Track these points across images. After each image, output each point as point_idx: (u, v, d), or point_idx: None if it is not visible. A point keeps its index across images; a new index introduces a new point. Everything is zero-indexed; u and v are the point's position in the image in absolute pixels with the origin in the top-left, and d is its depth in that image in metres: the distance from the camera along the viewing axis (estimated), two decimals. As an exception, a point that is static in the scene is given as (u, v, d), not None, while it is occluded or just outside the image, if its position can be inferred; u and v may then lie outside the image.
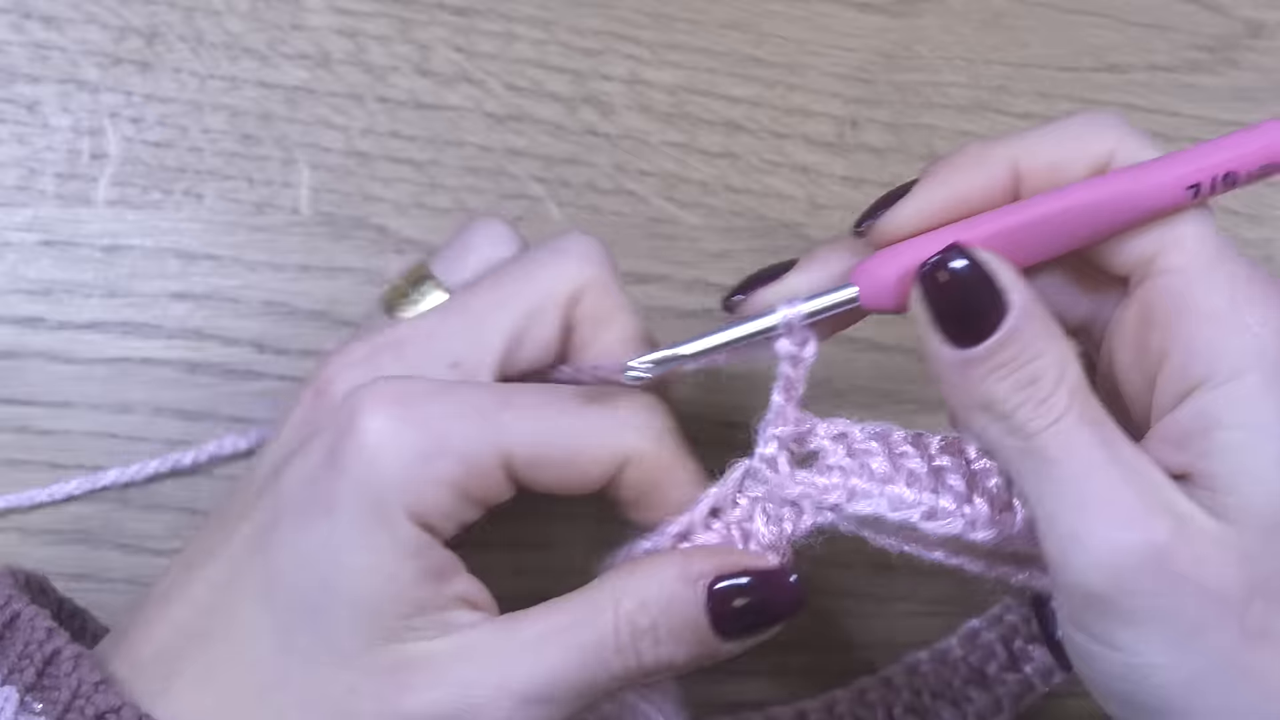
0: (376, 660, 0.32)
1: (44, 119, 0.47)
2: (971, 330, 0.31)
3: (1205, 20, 0.54)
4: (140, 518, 0.46)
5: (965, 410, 0.32)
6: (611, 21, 0.50)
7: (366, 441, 0.32)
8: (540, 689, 0.32)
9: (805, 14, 0.52)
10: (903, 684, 0.47)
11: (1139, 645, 0.30)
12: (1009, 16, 0.53)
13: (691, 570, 0.34)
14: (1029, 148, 0.33)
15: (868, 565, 0.49)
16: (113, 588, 0.45)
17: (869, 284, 0.34)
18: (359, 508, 0.32)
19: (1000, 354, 0.31)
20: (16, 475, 0.45)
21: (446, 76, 0.49)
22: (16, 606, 0.34)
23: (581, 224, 0.49)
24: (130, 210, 0.47)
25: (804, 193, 0.51)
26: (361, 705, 0.32)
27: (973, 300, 0.31)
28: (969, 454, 0.35)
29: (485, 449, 0.33)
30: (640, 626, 0.33)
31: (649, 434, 0.35)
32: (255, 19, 0.48)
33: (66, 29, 0.47)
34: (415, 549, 0.32)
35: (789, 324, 0.34)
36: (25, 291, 0.46)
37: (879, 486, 0.35)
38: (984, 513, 0.34)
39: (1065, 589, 0.31)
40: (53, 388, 0.46)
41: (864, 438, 0.35)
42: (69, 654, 0.33)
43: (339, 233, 0.48)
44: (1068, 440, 0.31)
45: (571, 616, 0.34)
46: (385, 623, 0.32)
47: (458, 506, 0.33)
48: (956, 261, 0.31)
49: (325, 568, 0.32)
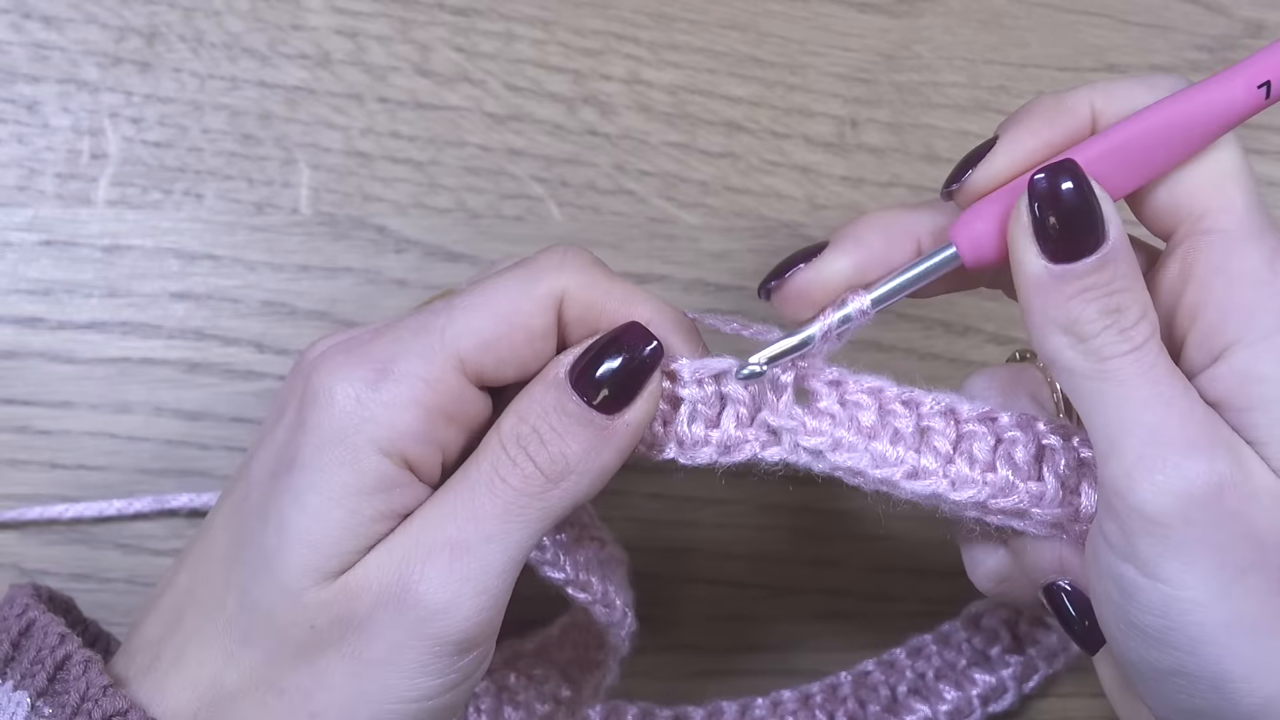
0: (331, 590, 0.32)
1: (44, 119, 0.47)
2: (1069, 247, 0.31)
3: (1205, 20, 0.54)
4: (140, 517, 0.46)
5: (1046, 329, 0.32)
6: (611, 21, 0.50)
7: (320, 390, 0.33)
8: (460, 532, 0.32)
9: (805, 14, 0.52)
10: (906, 665, 0.47)
11: (1186, 577, 0.30)
12: (1009, 16, 0.53)
13: (549, 370, 0.34)
14: (1105, 93, 0.34)
15: (868, 565, 0.49)
16: (113, 588, 0.45)
17: (969, 239, 0.34)
18: (321, 452, 0.33)
19: (1094, 275, 0.31)
20: (16, 475, 0.45)
21: (446, 76, 0.49)
22: (32, 614, 0.34)
23: (581, 224, 0.49)
24: (130, 210, 0.47)
25: (804, 193, 0.51)
26: (323, 635, 0.32)
27: (1078, 218, 0.31)
28: (961, 415, 0.35)
29: (434, 359, 0.33)
30: (523, 434, 0.33)
31: (574, 267, 0.35)
32: (255, 19, 0.48)
33: (66, 29, 0.47)
34: (380, 484, 0.33)
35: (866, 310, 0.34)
36: (25, 291, 0.46)
37: (864, 440, 0.35)
38: (965, 474, 0.35)
39: (1123, 514, 0.31)
40: (53, 388, 0.46)
41: (857, 389, 0.36)
42: (79, 659, 0.33)
43: (339, 233, 0.48)
44: (1146, 368, 0.31)
45: (466, 465, 0.34)
46: (340, 558, 0.32)
47: (431, 427, 0.33)
48: (1066, 180, 0.31)
49: (285, 513, 0.33)
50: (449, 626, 0.32)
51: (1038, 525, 0.35)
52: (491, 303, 0.34)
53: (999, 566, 0.38)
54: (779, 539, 0.49)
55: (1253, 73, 0.32)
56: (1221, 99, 0.32)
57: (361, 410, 0.33)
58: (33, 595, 0.35)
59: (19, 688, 0.33)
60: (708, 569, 0.49)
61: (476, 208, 0.49)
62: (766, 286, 0.36)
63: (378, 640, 0.32)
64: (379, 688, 0.32)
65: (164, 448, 0.46)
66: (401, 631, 0.32)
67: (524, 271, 0.35)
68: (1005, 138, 0.34)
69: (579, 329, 0.35)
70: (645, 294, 0.36)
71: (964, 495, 0.35)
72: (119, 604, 0.40)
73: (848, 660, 0.48)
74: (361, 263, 0.48)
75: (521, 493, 0.33)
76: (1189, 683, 0.31)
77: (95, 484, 0.46)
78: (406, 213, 0.48)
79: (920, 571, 0.49)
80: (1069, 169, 0.32)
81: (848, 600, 0.49)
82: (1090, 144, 0.33)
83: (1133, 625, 0.32)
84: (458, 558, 0.32)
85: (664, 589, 0.48)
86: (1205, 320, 0.33)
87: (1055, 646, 0.47)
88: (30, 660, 0.33)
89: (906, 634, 0.48)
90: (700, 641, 0.48)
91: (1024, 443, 0.35)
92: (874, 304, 0.34)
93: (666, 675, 0.48)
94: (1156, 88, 0.33)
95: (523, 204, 0.49)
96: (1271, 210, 0.53)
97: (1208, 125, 0.33)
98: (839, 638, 0.49)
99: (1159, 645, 0.31)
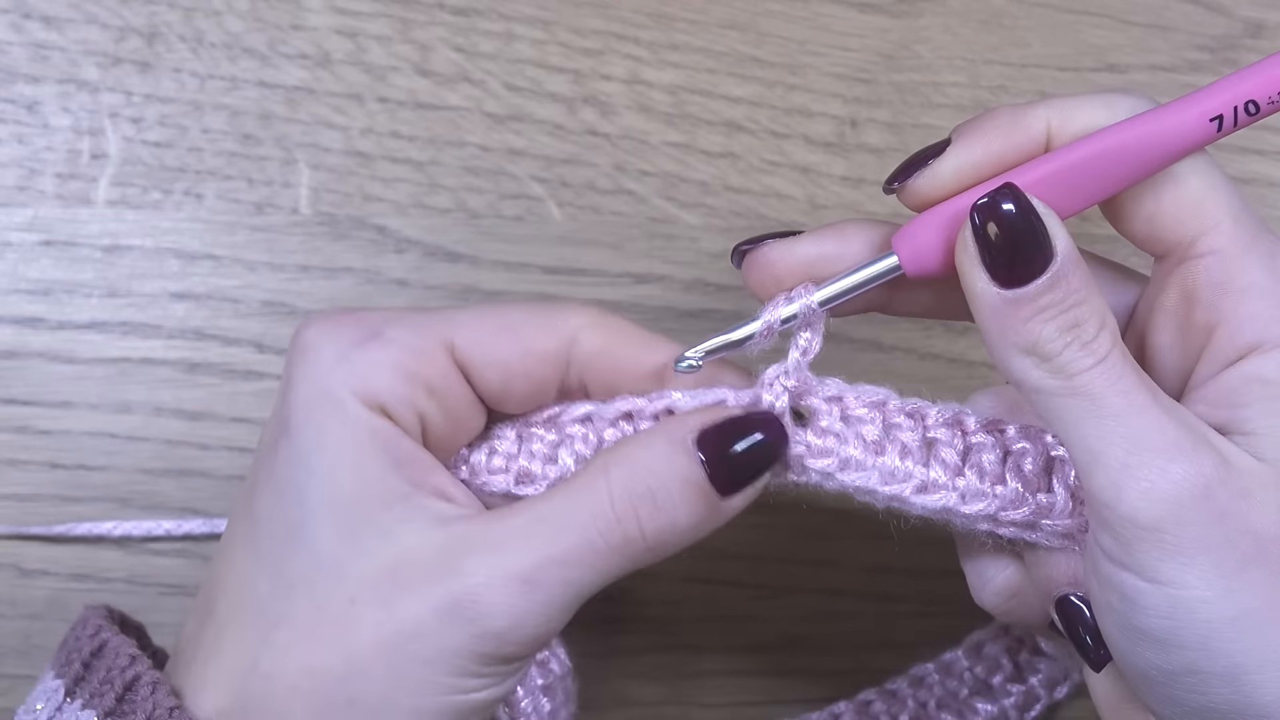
0: (371, 562, 0.32)
1: (44, 119, 0.47)
2: (1018, 271, 0.31)
3: (1205, 20, 0.54)
4: (140, 518, 0.46)
5: (1007, 353, 0.32)
6: (611, 21, 0.50)
7: (306, 346, 0.34)
8: (540, 569, 0.32)
9: (805, 14, 0.52)
10: (908, 694, 0.47)
11: (1187, 577, 0.30)
12: (1009, 16, 0.53)
13: (676, 431, 0.34)
14: (1062, 112, 0.34)
15: (867, 565, 0.49)
16: (113, 588, 0.45)
17: (910, 249, 0.34)
18: (310, 409, 0.33)
19: (1047, 295, 0.31)
20: (16, 475, 0.45)
21: (446, 76, 0.49)
22: (105, 636, 0.34)
23: (581, 224, 0.49)
24: (130, 210, 0.47)
25: (804, 193, 0.51)
26: (363, 615, 0.32)
27: (1022, 241, 0.31)
28: (967, 426, 0.35)
29: (424, 333, 0.34)
30: (637, 492, 0.33)
31: (593, 310, 0.36)
32: (255, 19, 0.48)
33: (66, 29, 0.47)
34: (374, 432, 0.33)
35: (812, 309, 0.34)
36: (25, 291, 0.46)
37: (871, 458, 0.35)
38: (976, 486, 0.34)
39: (1114, 524, 0.31)
40: (53, 388, 0.46)
41: (859, 404, 0.35)
42: (148, 680, 0.33)
43: (339, 233, 0.48)
44: (1114, 379, 0.31)
45: (564, 497, 0.33)
46: (367, 515, 0.32)
47: (410, 390, 0.34)
48: (1008, 203, 0.31)
49: (297, 482, 0.33)
50: (506, 645, 0.32)
51: (1049, 536, 0.35)
52: (500, 312, 0.35)
53: (1008, 582, 0.37)
54: (778, 538, 0.49)
55: (1207, 105, 0.32)
56: (1174, 129, 0.32)
57: (343, 364, 0.33)
58: (105, 617, 0.36)
59: (87, 706, 0.33)
60: (708, 569, 0.49)
61: (476, 208, 0.49)
62: (739, 249, 0.36)
63: (427, 641, 0.32)
64: (419, 684, 0.32)
65: (164, 448, 0.46)
66: (453, 641, 0.32)
67: (543, 303, 0.36)
68: (957, 144, 0.34)
69: (596, 364, 0.36)
70: (663, 339, 0.36)
71: (975, 508, 0.34)
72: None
73: (847, 660, 0.48)
74: (361, 263, 0.48)
75: (615, 551, 0.33)
76: (1202, 681, 0.31)
77: (95, 484, 0.46)
78: (406, 213, 0.48)
79: (920, 571, 0.49)
80: (1009, 193, 0.31)
81: (847, 600, 0.49)
82: (1039, 163, 0.33)
83: (1139, 631, 0.32)
84: (529, 592, 0.32)
85: (664, 589, 0.48)
86: (1219, 335, 0.33)
87: (1056, 676, 0.47)
88: (100, 680, 0.33)
89: (906, 634, 0.48)
90: (700, 641, 0.48)
91: (1033, 454, 0.35)
92: (821, 304, 0.34)
93: (666, 675, 0.48)
94: (1113, 106, 0.33)
95: (523, 204, 0.49)
96: (1272, 210, 0.53)
97: (1159, 154, 0.32)
98: (838, 638, 0.49)
99: (1168, 647, 0.31)
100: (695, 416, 0.34)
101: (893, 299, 0.37)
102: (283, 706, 0.32)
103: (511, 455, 0.36)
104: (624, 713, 0.48)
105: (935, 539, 0.44)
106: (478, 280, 0.48)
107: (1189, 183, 0.33)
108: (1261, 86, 0.32)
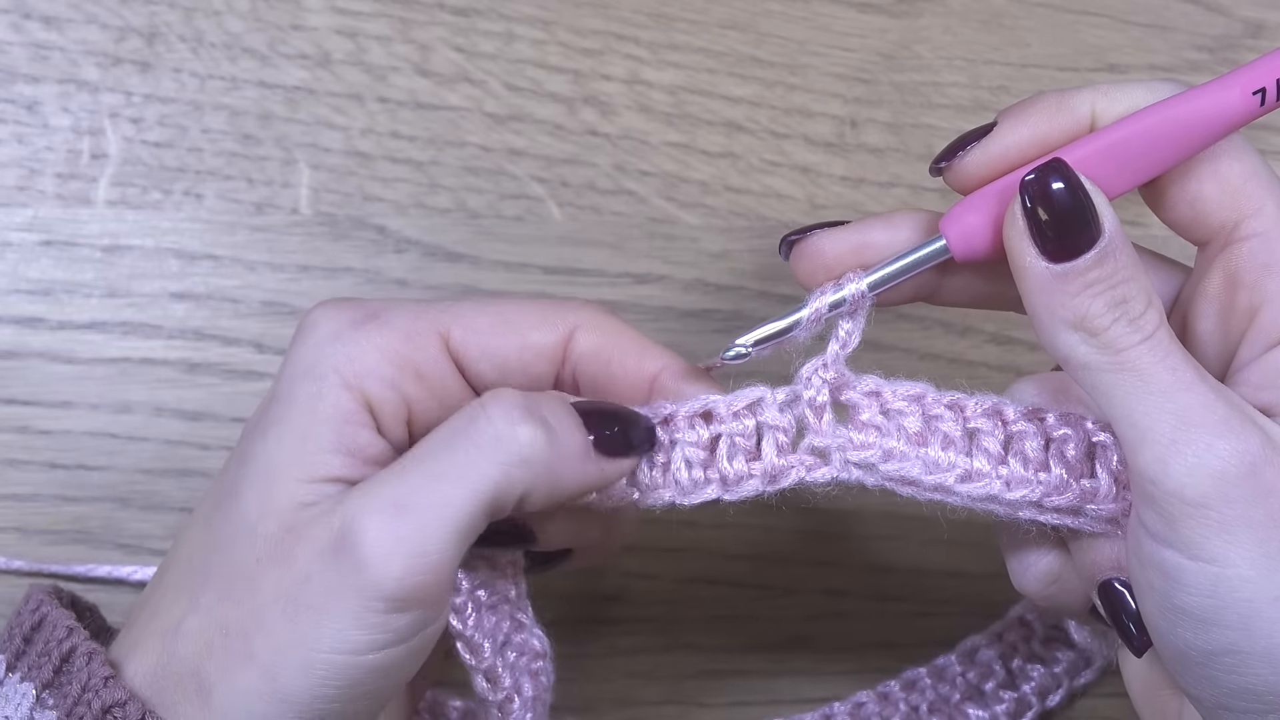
0: (275, 524, 0.32)
1: (44, 119, 0.47)
2: (1067, 246, 0.31)
3: (1205, 20, 0.54)
4: (140, 518, 0.46)
5: (1055, 328, 0.32)
6: (611, 21, 0.50)
7: (307, 324, 0.35)
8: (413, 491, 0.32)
9: (805, 14, 0.52)
10: (900, 698, 0.47)
11: (1231, 555, 0.31)
12: (1009, 16, 0.53)
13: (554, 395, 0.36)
14: (1107, 95, 0.34)
15: (867, 565, 0.49)
16: (113, 588, 0.45)
17: (958, 232, 0.34)
18: (294, 384, 0.34)
19: (1096, 269, 0.31)
20: (16, 475, 0.45)
21: (446, 76, 0.49)
22: (45, 610, 0.34)
23: (581, 224, 0.49)
24: (130, 210, 0.47)
25: (804, 193, 0.51)
26: (266, 573, 0.32)
27: (1071, 216, 0.31)
28: (1008, 416, 0.35)
29: (422, 320, 0.35)
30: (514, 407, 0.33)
31: (592, 310, 0.36)
32: (255, 19, 0.48)
33: (66, 29, 0.47)
34: (336, 415, 0.33)
35: (861, 293, 0.34)
36: (25, 291, 0.46)
37: (914, 448, 0.35)
38: (1020, 473, 0.34)
39: (1161, 500, 0.31)
40: (53, 388, 0.46)
41: (897, 397, 0.35)
42: (83, 650, 0.33)
43: (339, 233, 0.48)
44: (1161, 356, 0.31)
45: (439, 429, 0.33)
46: (288, 485, 0.33)
47: (399, 374, 0.34)
48: (1057, 179, 0.32)
49: (252, 449, 0.34)
50: (380, 581, 0.31)
51: (1093, 522, 0.35)
52: (500, 306, 0.36)
53: (1050, 568, 0.37)
54: (779, 539, 0.49)
55: (1248, 80, 0.32)
56: (1217, 105, 0.32)
57: (335, 343, 0.34)
58: (49, 593, 0.36)
59: (26, 679, 0.33)
60: (708, 569, 0.49)
61: (476, 208, 0.49)
62: (788, 240, 0.36)
63: (312, 584, 0.32)
64: (311, 634, 0.32)
65: (164, 448, 0.46)
66: (335, 579, 0.31)
67: (542, 300, 0.37)
68: (1003, 125, 0.34)
69: (589, 364, 0.36)
70: (658, 346, 0.37)
71: (1019, 494, 0.34)
72: (119, 604, 0.40)
73: (847, 661, 0.48)
74: (361, 263, 0.48)
75: (479, 450, 0.32)
76: (1241, 661, 0.31)
77: (95, 484, 0.46)
78: (406, 213, 0.48)
79: (920, 571, 0.49)
80: (1057, 168, 0.32)
81: (848, 600, 0.49)
82: (1085, 142, 0.33)
83: (1180, 610, 0.32)
84: (399, 515, 0.32)
85: (664, 589, 0.48)
86: (1263, 317, 0.33)
87: (1049, 684, 0.47)
88: (39, 653, 0.34)
89: (907, 635, 0.48)
90: (700, 641, 0.48)
91: (1075, 440, 0.35)
92: (870, 288, 0.35)
93: (666, 675, 0.48)
94: (1156, 91, 0.33)
95: (523, 204, 0.49)
96: (1271, 210, 0.53)
97: (1203, 130, 0.33)
98: (839, 638, 0.49)
99: (1208, 626, 0.31)
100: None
101: (941, 287, 0.37)
102: (197, 665, 0.32)
103: None
104: (624, 713, 0.48)
105: (937, 540, 0.44)
106: (478, 280, 0.48)
107: (1231, 166, 0.33)
108: None
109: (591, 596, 0.47)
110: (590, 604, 0.47)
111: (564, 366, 0.36)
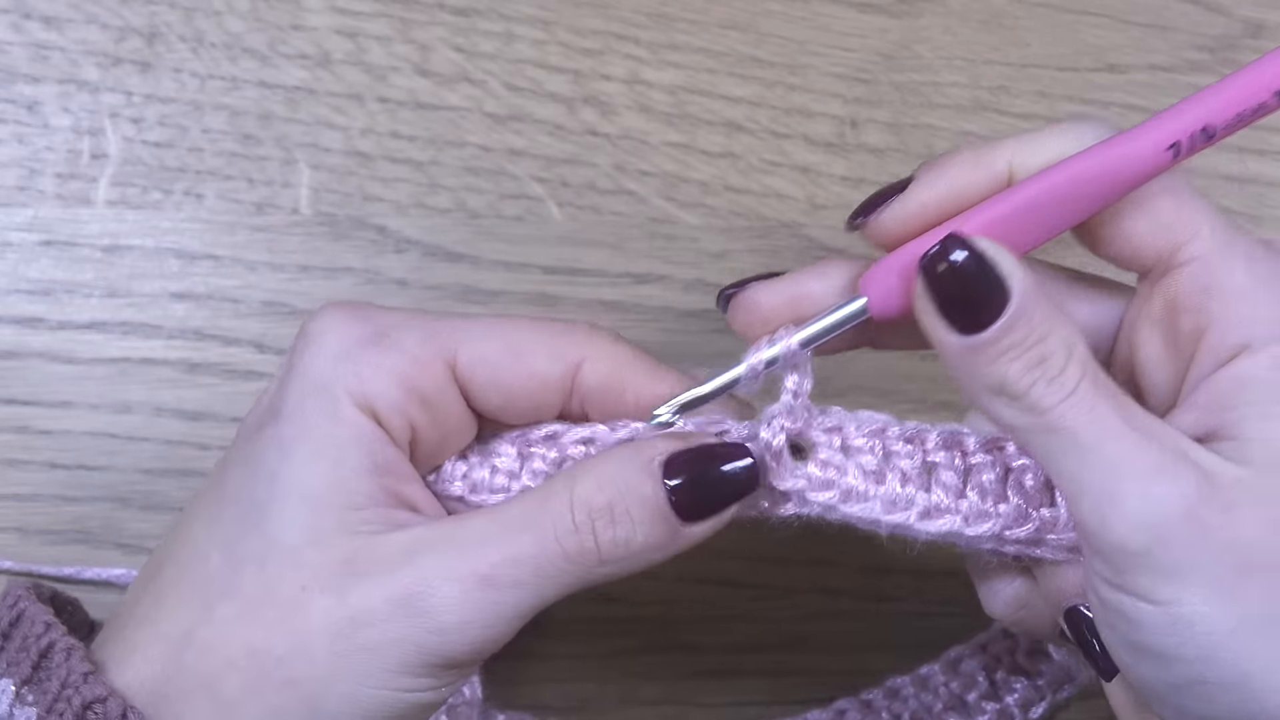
0: (327, 554, 0.32)
1: (44, 119, 0.47)
2: (976, 317, 0.31)
3: (1205, 20, 0.54)
4: (140, 518, 0.46)
5: (978, 395, 0.32)
6: (611, 21, 0.50)
7: (313, 335, 0.34)
8: (495, 569, 0.32)
9: (805, 14, 0.52)
10: (882, 706, 0.47)
11: (1182, 596, 0.30)
12: (1009, 16, 0.53)
13: (645, 451, 0.34)
14: (1024, 147, 0.34)
15: (867, 565, 0.49)
16: (112, 588, 0.45)
17: (877, 292, 0.34)
18: (304, 400, 0.33)
19: (1007, 337, 0.31)
20: (16, 475, 0.45)
21: (446, 76, 0.49)
22: (23, 605, 0.34)
23: (581, 224, 0.49)
24: (130, 210, 0.47)
25: (804, 193, 0.51)
26: (313, 601, 0.32)
27: (975, 288, 0.31)
28: (967, 447, 0.35)
29: (430, 344, 0.34)
30: (596, 505, 0.33)
31: (601, 339, 0.36)
32: (255, 19, 0.48)
33: (66, 29, 0.47)
34: (360, 435, 0.33)
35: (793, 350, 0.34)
36: (25, 291, 0.46)
37: (872, 487, 0.35)
38: (977, 506, 0.34)
39: (1104, 552, 0.31)
40: (53, 388, 0.46)
41: (858, 434, 0.35)
42: (62, 646, 0.33)
43: (339, 233, 0.48)
44: (1085, 410, 0.31)
45: (527, 503, 0.33)
46: (334, 513, 0.32)
47: (406, 400, 0.34)
48: (956, 252, 0.31)
49: (272, 464, 0.33)
50: (450, 646, 0.32)
51: (1055, 550, 0.35)
52: (508, 332, 0.35)
53: (1017, 594, 0.37)
54: (777, 539, 0.49)
55: (1161, 134, 0.32)
56: (1129, 158, 0.32)
57: (346, 362, 0.33)
58: (27, 589, 0.36)
59: (4, 675, 0.33)
60: (707, 569, 0.49)
61: (476, 208, 0.49)
62: (724, 293, 0.36)
63: (375, 629, 0.32)
64: (362, 672, 0.32)
65: (164, 448, 0.46)
66: (402, 632, 0.32)
67: (551, 323, 0.36)
68: (920, 181, 0.34)
69: (597, 396, 0.36)
70: (669, 370, 0.36)
71: (979, 530, 0.34)
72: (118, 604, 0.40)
73: (846, 661, 0.48)
74: (361, 263, 0.48)
75: (570, 560, 0.33)
76: (1208, 691, 0.31)
77: (95, 484, 0.46)
78: (406, 213, 0.48)
79: (919, 571, 0.49)
80: (956, 241, 0.31)
81: (846, 600, 0.49)
82: (998, 200, 0.33)
83: (1141, 648, 0.32)
84: (483, 591, 0.32)
85: (663, 589, 0.48)
86: (1209, 340, 0.33)
87: (1031, 696, 0.47)
88: (16, 649, 0.33)
89: (905, 635, 0.49)
90: (699, 641, 0.48)
91: (1033, 470, 0.35)
92: (802, 344, 0.34)
93: (665, 675, 0.48)
94: (1079, 138, 0.33)
95: (523, 204, 0.49)
96: (1272, 210, 0.53)
97: (1116, 183, 0.32)
98: (837, 638, 0.49)
99: (1172, 662, 0.31)
100: (669, 440, 0.34)
101: (880, 334, 0.37)
102: (214, 680, 0.32)
103: (513, 474, 0.36)
104: (624, 713, 0.48)
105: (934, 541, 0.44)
106: (478, 280, 0.48)
107: (1159, 200, 0.33)
108: (1213, 113, 0.32)
109: (591, 596, 0.47)
110: (590, 604, 0.48)
111: (571, 397, 0.36)
